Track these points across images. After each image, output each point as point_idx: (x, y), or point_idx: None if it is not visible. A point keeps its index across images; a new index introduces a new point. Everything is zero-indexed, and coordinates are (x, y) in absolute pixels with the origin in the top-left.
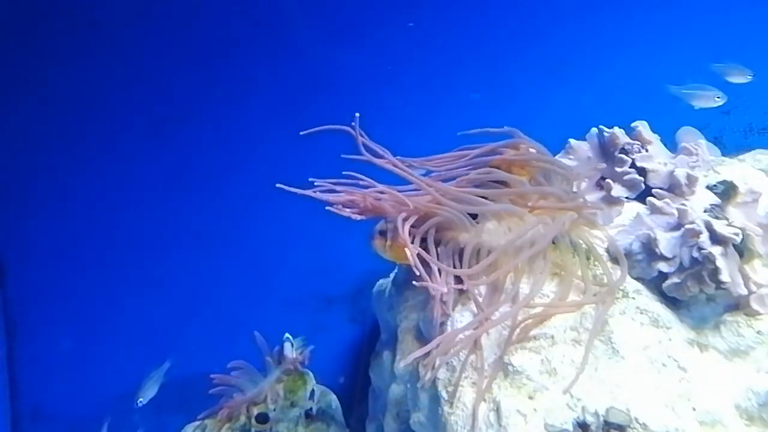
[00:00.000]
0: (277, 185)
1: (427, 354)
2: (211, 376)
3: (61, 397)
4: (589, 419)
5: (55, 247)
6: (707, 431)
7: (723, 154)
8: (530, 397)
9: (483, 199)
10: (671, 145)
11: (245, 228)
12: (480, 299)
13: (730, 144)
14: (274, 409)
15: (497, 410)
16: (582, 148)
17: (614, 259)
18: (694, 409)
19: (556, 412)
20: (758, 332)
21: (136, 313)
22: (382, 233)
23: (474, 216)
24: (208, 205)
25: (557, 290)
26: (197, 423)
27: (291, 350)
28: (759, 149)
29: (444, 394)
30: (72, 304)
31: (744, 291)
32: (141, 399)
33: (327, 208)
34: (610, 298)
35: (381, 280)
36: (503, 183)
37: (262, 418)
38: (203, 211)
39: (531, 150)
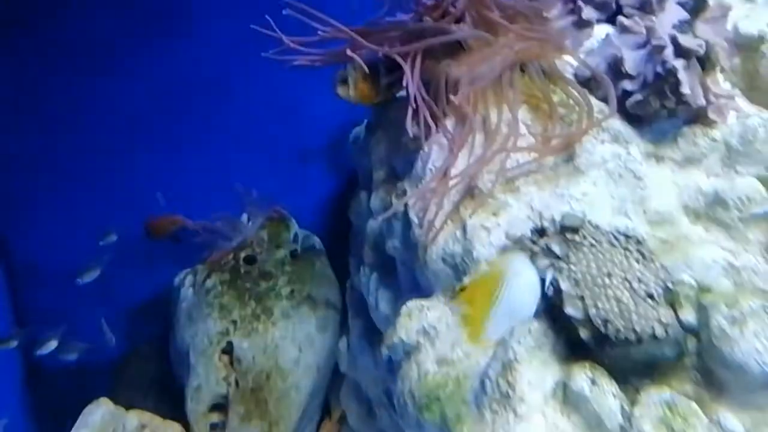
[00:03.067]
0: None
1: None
2: (194, 223)
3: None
4: (546, 225)
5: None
6: (655, 230)
7: None
8: (494, 214)
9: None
10: None
11: (224, 88)
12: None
13: None
14: (260, 252)
15: (463, 227)
16: None
17: (582, 83)
18: (645, 212)
19: (518, 224)
20: (713, 140)
21: (120, 169)
22: (344, 80)
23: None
24: (182, 64)
25: (534, 124)
26: (189, 269)
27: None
28: None
29: (415, 219)
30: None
31: (703, 102)
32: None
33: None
34: (590, 125)
35: (356, 128)
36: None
37: (250, 260)
38: (177, 72)
39: None
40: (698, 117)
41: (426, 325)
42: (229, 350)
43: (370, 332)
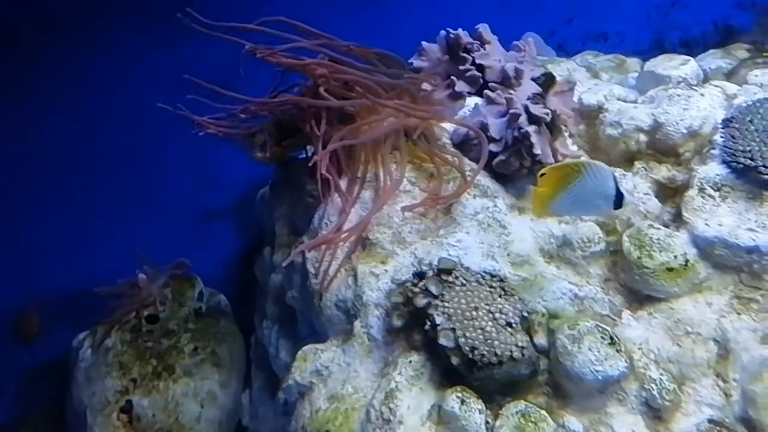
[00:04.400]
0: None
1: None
2: (95, 290)
3: None
4: (425, 269)
5: None
6: (517, 269)
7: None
8: (382, 262)
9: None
10: None
11: (130, 146)
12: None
13: (572, 50)
14: (164, 311)
15: (355, 275)
16: (433, 49)
17: (458, 145)
18: (508, 255)
19: (403, 270)
20: None
21: (19, 233)
22: (262, 147)
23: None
24: (81, 124)
25: (418, 180)
26: (87, 331)
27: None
28: (589, 51)
29: (312, 269)
30: None
31: (552, 161)
32: None
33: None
34: (467, 186)
35: (261, 190)
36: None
37: (153, 319)
38: (77, 129)
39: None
40: None
41: (319, 366)
42: (128, 408)
43: (272, 383)
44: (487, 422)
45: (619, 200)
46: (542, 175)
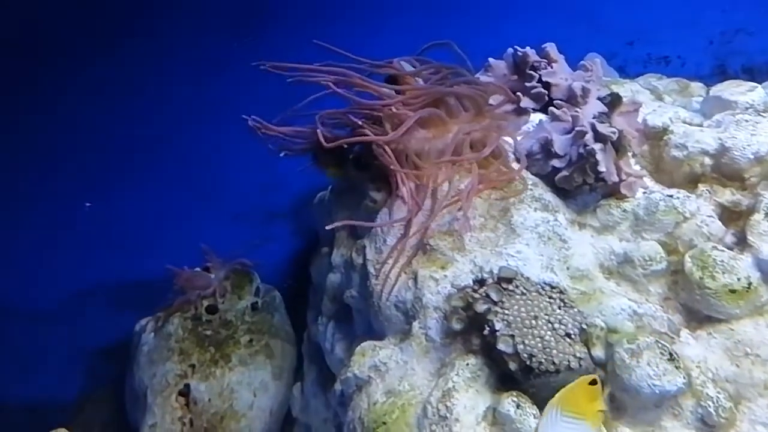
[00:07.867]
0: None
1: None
2: (167, 266)
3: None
4: (486, 276)
5: None
6: (576, 283)
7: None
8: (442, 268)
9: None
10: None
11: (193, 148)
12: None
13: (633, 72)
14: (223, 302)
15: (415, 278)
16: (499, 66)
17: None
18: (568, 268)
19: (462, 276)
20: (624, 210)
21: (83, 225)
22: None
23: None
24: (153, 123)
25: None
26: (150, 317)
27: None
28: (651, 73)
29: (372, 270)
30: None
31: (616, 179)
32: None
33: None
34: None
35: (320, 193)
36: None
37: (212, 309)
38: (150, 128)
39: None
40: (613, 191)
41: (377, 362)
42: (186, 392)
43: (324, 378)
44: None
45: None
46: (593, 382)
